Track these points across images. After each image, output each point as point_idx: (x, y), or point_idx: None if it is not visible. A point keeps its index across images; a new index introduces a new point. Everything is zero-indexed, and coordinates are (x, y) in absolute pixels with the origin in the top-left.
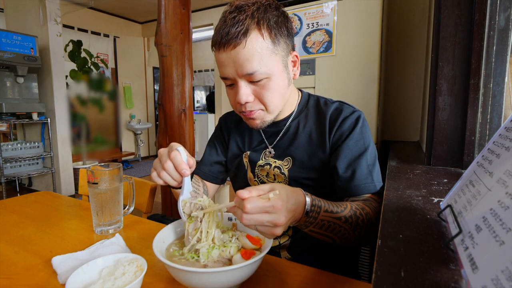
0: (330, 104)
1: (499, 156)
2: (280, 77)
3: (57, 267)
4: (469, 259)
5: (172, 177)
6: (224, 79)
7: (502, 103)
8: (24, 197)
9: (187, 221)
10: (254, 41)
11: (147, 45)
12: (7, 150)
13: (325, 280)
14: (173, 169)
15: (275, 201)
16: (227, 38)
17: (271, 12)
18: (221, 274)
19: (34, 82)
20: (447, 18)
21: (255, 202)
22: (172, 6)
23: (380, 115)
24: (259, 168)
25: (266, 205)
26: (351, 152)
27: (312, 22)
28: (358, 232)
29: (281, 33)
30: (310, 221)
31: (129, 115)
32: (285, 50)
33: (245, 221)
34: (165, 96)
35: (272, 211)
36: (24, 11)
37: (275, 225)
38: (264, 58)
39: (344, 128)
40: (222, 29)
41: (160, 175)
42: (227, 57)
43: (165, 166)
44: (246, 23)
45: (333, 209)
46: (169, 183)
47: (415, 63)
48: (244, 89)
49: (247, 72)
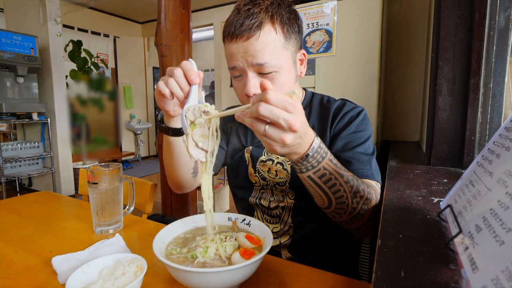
0: (333, 102)
1: (499, 156)
2: (288, 72)
3: (57, 267)
4: (469, 259)
5: (180, 85)
6: (232, 69)
7: (502, 103)
8: (24, 197)
9: (189, 127)
10: (268, 34)
11: (147, 45)
12: (7, 150)
13: (325, 280)
14: (182, 75)
15: (297, 101)
16: (241, 29)
17: (284, 9)
18: (221, 274)
19: (34, 82)
20: (447, 18)
21: (279, 94)
22: (172, 6)
23: (380, 115)
24: (260, 163)
25: (288, 101)
26: (350, 141)
27: (312, 22)
28: (356, 202)
29: (293, 30)
30: (313, 164)
31: (129, 115)
32: (295, 46)
33: (262, 110)
34: None
35: (292, 110)
36: (24, 11)
37: (289, 127)
38: (276, 51)
39: (345, 120)
40: (236, 20)
41: (168, 83)
42: (239, 48)
43: (174, 72)
44: (260, 16)
45: (338, 164)
46: (175, 92)
47: (415, 63)
48: (253, 81)
49: (257, 62)
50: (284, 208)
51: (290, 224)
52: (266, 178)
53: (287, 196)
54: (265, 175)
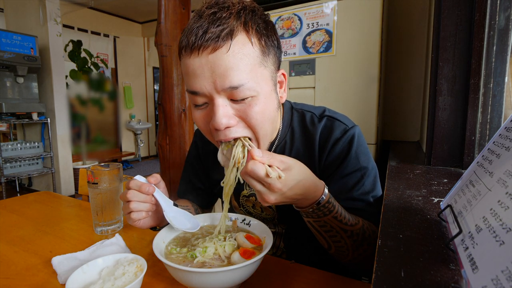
0: (317, 123)
1: (499, 156)
2: (269, 97)
3: (57, 267)
4: (469, 259)
5: (141, 201)
6: (193, 94)
7: (502, 103)
8: (24, 197)
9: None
10: (241, 45)
11: (147, 45)
12: (7, 150)
13: (325, 280)
14: (138, 194)
15: (275, 182)
16: (204, 38)
17: (260, 16)
18: (221, 274)
19: (34, 82)
20: (447, 18)
21: (257, 169)
22: (172, 6)
23: (380, 115)
24: (243, 198)
25: (263, 178)
26: (347, 184)
27: (312, 22)
28: (358, 254)
29: (272, 43)
30: (313, 216)
31: (129, 115)
32: (274, 64)
33: (242, 175)
34: (165, 96)
35: (266, 186)
36: (24, 11)
37: (262, 198)
38: (253, 70)
39: (335, 152)
40: (197, 27)
41: (130, 207)
42: (202, 64)
43: (127, 197)
44: (230, 22)
45: (344, 219)
46: (145, 210)
47: (415, 63)
48: (223, 109)
49: (230, 85)
50: (275, 233)
51: (283, 249)
52: (252, 213)
53: (278, 225)
54: (250, 210)
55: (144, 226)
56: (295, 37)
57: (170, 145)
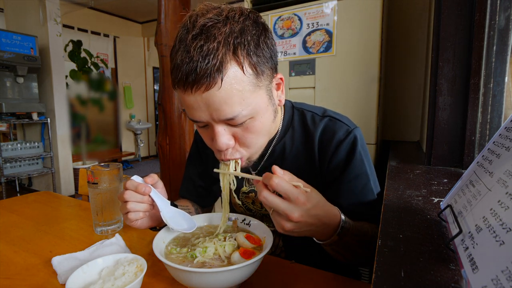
0: (319, 122)
1: (499, 156)
2: (265, 113)
3: (57, 267)
4: (469, 259)
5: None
6: (194, 121)
7: (502, 103)
8: (24, 197)
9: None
10: (232, 77)
11: (147, 45)
12: (7, 150)
13: (325, 280)
14: (134, 194)
15: (300, 194)
16: (195, 77)
17: (250, 32)
18: (221, 274)
19: (34, 82)
20: (447, 18)
21: (283, 182)
22: (172, 6)
23: (380, 115)
24: (243, 195)
25: (291, 190)
26: (354, 189)
27: (312, 22)
28: (366, 252)
29: (264, 58)
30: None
31: (129, 115)
32: (269, 78)
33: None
34: (165, 96)
35: (292, 201)
36: (24, 11)
37: (287, 217)
38: (247, 97)
39: (340, 156)
40: (186, 64)
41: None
42: (197, 100)
43: (124, 197)
44: (219, 54)
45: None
46: (142, 210)
47: (415, 63)
48: (223, 135)
49: (225, 118)
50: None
51: (282, 248)
52: (252, 210)
53: None
54: (250, 206)
55: (142, 226)
56: (295, 37)
57: (170, 145)
